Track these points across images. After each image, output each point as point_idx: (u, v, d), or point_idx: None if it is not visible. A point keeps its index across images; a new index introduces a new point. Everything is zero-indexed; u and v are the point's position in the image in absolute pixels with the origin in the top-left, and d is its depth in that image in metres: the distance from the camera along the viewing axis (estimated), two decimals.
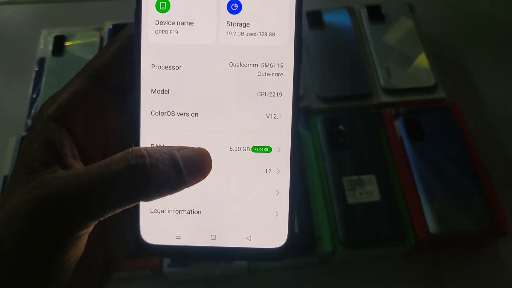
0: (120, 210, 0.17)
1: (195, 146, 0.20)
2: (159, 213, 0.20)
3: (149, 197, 0.18)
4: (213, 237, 0.20)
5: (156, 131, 0.20)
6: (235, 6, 0.20)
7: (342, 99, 0.50)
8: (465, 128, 0.48)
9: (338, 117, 0.48)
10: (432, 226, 0.42)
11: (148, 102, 0.20)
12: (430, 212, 0.43)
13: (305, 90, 0.50)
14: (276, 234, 0.20)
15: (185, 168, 0.18)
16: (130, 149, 0.17)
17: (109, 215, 0.17)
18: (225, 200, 0.20)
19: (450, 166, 0.45)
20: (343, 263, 0.45)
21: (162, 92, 0.20)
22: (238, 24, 0.20)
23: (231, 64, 0.20)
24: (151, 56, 0.20)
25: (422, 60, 0.52)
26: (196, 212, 0.20)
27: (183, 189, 0.19)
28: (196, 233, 0.20)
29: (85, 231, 0.17)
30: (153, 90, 0.20)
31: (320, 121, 0.48)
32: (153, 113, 0.20)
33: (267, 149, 0.20)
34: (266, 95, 0.20)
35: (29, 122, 0.50)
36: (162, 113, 0.20)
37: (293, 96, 0.20)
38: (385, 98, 0.51)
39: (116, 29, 0.57)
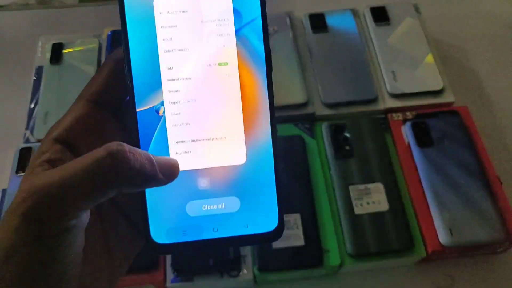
0: (103, 197, 0.19)
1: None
2: (166, 214, 0.22)
3: (126, 183, 0.19)
4: (215, 229, 0.23)
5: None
6: None
7: (347, 105, 0.49)
8: (474, 132, 0.46)
9: (343, 124, 0.47)
10: (442, 236, 0.41)
11: None
12: (440, 221, 0.41)
13: (309, 96, 0.49)
14: (268, 218, 0.23)
15: (157, 164, 0.20)
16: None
17: (94, 202, 0.19)
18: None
19: (460, 173, 0.44)
20: (351, 275, 0.44)
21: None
22: None
23: None
24: None
25: (429, 63, 0.51)
26: (198, 207, 0.22)
27: (154, 185, 0.21)
28: (200, 227, 0.23)
29: (75, 222, 0.18)
30: None
31: (325, 128, 0.47)
32: None
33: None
34: None
35: (28, 133, 0.49)
36: None
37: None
38: (391, 103, 0.49)
39: (115, 36, 0.55)
